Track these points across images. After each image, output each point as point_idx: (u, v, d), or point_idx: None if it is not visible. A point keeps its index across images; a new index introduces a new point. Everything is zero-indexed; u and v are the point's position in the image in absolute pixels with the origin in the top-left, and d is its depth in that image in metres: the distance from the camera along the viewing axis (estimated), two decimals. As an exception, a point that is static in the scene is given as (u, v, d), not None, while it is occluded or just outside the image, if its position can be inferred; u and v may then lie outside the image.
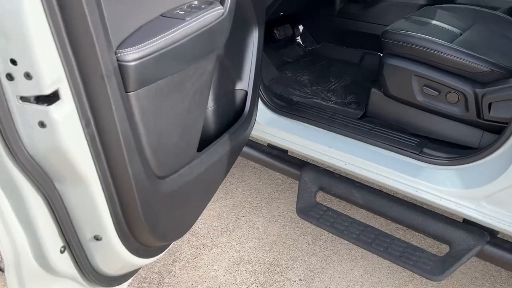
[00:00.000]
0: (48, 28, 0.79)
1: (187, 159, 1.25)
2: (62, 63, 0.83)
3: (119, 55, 0.95)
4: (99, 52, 0.86)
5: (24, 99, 0.83)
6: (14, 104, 0.84)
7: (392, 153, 1.83)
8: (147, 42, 0.99)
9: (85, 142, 0.92)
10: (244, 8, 1.64)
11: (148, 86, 1.02)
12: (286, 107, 2.16)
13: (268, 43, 2.60)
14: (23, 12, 0.75)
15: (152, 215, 1.09)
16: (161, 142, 1.11)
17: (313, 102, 2.28)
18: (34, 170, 0.90)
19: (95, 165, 0.95)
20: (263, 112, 2.14)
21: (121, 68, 0.94)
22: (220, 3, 1.30)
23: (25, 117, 0.85)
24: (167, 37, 1.04)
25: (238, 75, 1.72)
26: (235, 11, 1.55)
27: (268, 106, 2.15)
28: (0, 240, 0.94)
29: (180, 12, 1.19)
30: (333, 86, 2.45)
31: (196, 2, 1.30)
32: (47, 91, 0.82)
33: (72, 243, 1.03)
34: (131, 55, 0.95)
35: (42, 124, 0.85)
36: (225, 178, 2.49)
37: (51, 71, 0.81)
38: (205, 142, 1.46)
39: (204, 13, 1.21)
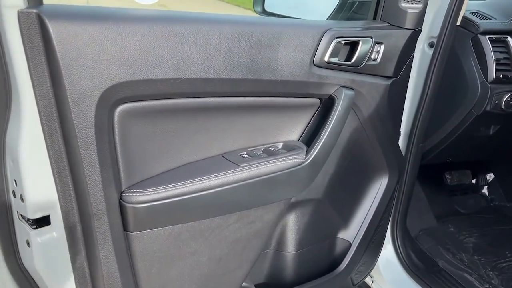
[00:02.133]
0: (48, 160, 0.82)
1: None
2: (58, 194, 0.84)
3: (124, 194, 0.91)
4: (90, 192, 0.84)
5: (22, 216, 0.87)
6: (16, 219, 0.89)
7: None
8: (163, 186, 0.93)
9: (71, 269, 0.90)
10: (368, 153, 1.42)
11: (157, 229, 0.95)
12: (423, 271, 1.75)
13: (436, 186, 2.22)
14: (23, 140, 0.80)
15: None
16: None
17: (463, 278, 1.78)
18: (23, 281, 0.92)
19: None
20: (393, 268, 1.78)
21: (122, 208, 0.90)
22: (306, 153, 1.15)
23: (20, 232, 0.89)
24: (196, 183, 0.96)
25: (343, 223, 1.48)
26: (354, 156, 1.36)
27: (402, 262, 1.78)
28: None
29: (243, 156, 1.09)
30: (503, 264, 1.87)
31: (279, 145, 1.18)
32: (32, 216, 0.84)
33: None
34: (136, 197, 0.91)
35: (28, 243, 0.87)
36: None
37: (39, 200, 0.83)
38: None
39: (272, 161, 1.08)
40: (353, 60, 1.21)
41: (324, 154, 1.19)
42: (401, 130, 1.74)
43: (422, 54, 1.62)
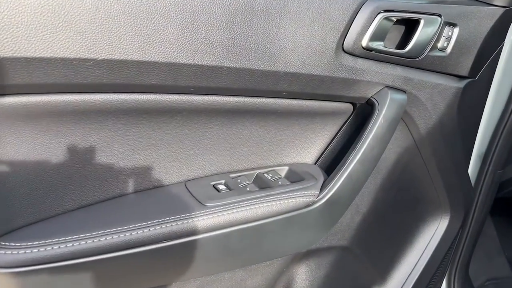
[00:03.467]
0: None
1: None
2: None
3: None
4: None
5: None
6: None
7: None
8: (59, 239, 0.56)
9: None
10: (422, 185, 0.99)
11: None
12: None
13: (509, 222, 1.71)
14: None
15: None
16: None
17: None
18: None
19: None
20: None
21: None
22: (322, 187, 0.75)
23: None
24: (118, 234, 0.58)
25: (379, 280, 1.06)
26: (402, 188, 0.95)
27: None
28: None
29: (218, 187, 0.71)
30: None
31: (283, 171, 0.79)
32: None
33: None
34: (4, 256, 0.54)
35: None
36: None
37: None
38: None
39: (262, 199, 0.69)
40: (408, 47, 0.79)
41: (351, 189, 0.77)
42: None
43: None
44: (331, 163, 0.84)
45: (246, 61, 0.63)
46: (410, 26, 0.80)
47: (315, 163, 0.84)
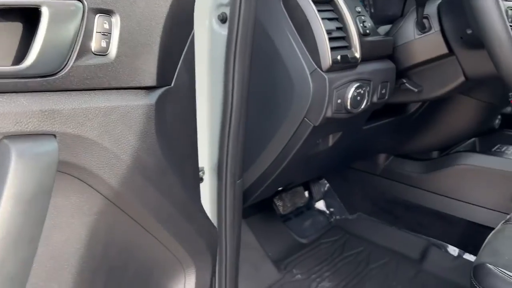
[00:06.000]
0: None
1: None
2: None
3: None
4: None
5: None
6: None
7: None
8: None
9: None
10: (143, 247, 0.68)
11: None
12: None
13: (267, 222, 1.61)
14: None
15: None
16: None
17: None
18: None
19: None
20: None
21: None
22: None
23: None
24: None
25: None
26: (117, 264, 0.61)
27: None
28: None
29: None
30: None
31: None
32: None
33: None
34: None
35: None
36: None
37: None
38: None
39: None
40: (28, 60, 0.44)
41: None
42: (204, 166, 1.06)
43: (211, 37, 0.96)
44: None
45: None
46: (31, 23, 0.46)
47: None
